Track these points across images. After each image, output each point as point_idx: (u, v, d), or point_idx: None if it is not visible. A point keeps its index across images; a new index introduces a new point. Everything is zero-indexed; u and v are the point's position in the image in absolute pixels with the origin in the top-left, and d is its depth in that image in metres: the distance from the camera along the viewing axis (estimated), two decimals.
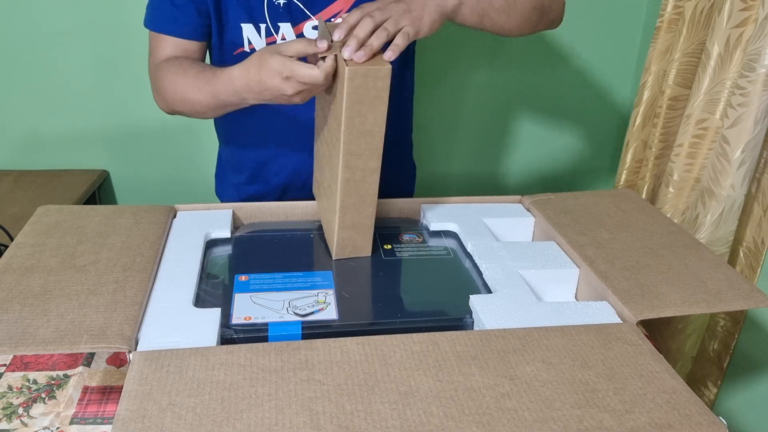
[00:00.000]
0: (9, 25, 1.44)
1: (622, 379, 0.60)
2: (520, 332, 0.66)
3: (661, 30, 1.33)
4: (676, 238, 0.85)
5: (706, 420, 0.56)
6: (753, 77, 1.09)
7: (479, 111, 1.67)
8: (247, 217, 0.93)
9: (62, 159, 1.60)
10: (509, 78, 1.63)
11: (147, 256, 0.77)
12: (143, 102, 1.54)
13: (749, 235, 1.17)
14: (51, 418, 0.66)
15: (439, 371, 0.60)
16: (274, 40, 0.88)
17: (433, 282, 0.80)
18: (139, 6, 1.42)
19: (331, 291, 0.76)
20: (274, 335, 0.69)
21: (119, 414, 0.54)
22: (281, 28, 0.87)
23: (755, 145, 1.12)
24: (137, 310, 0.67)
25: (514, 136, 1.74)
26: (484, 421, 0.55)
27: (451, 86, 1.63)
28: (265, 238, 0.88)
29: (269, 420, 0.54)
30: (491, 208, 0.94)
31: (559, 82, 1.67)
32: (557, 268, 0.81)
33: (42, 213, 0.86)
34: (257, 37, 0.88)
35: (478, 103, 1.66)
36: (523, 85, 1.66)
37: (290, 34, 0.87)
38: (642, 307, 0.70)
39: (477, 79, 1.62)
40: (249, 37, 0.88)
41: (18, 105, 1.53)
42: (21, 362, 0.75)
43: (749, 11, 1.11)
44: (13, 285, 0.70)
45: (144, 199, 1.67)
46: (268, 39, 0.88)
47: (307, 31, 0.87)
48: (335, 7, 0.86)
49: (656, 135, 1.37)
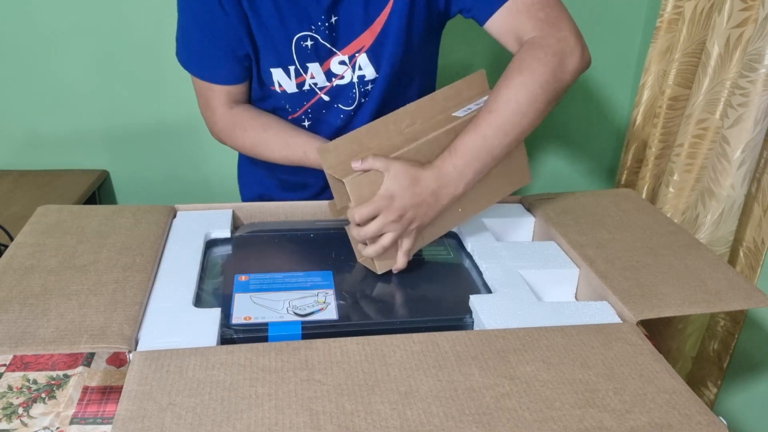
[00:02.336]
0: (9, 25, 1.44)
1: (622, 379, 0.60)
2: (520, 332, 0.66)
3: (661, 30, 1.33)
4: (676, 238, 0.85)
5: (706, 420, 0.56)
6: (753, 77, 1.09)
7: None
8: (247, 217, 0.93)
9: (62, 159, 1.59)
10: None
11: (147, 256, 0.77)
12: (143, 102, 1.54)
13: (749, 235, 1.17)
14: (51, 418, 0.66)
15: (439, 371, 0.60)
16: (304, 80, 0.90)
17: (433, 282, 0.80)
18: (139, 6, 1.43)
19: (331, 291, 0.76)
20: (274, 335, 0.69)
21: (119, 414, 0.54)
22: (309, 68, 0.90)
23: (755, 145, 1.12)
24: (137, 310, 0.67)
25: None
26: (484, 421, 0.55)
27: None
28: (265, 238, 0.88)
29: (269, 420, 0.54)
30: (491, 208, 0.94)
31: None
32: (557, 268, 0.81)
33: (42, 213, 0.86)
34: (287, 79, 0.91)
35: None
36: None
37: (318, 71, 0.90)
38: (642, 307, 0.70)
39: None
40: (279, 80, 0.91)
41: (18, 105, 1.53)
42: (21, 362, 0.75)
43: (749, 11, 1.11)
44: (13, 285, 0.70)
45: (144, 199, 1.67)
46: (298, 80, 0.91)
47: (334, 67, 0.90)
48: (358, 43, 0.88)
49: (656, 135, 1.37)
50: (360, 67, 0.90)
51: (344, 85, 0.91)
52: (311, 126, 0.96)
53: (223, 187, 1.66)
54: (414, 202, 0.76)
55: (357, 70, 0.90)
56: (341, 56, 0.89)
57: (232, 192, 1.56)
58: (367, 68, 0.90)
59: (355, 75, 0.90)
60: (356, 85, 0.91)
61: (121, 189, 1.67)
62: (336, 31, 0.87)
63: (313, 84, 0.91)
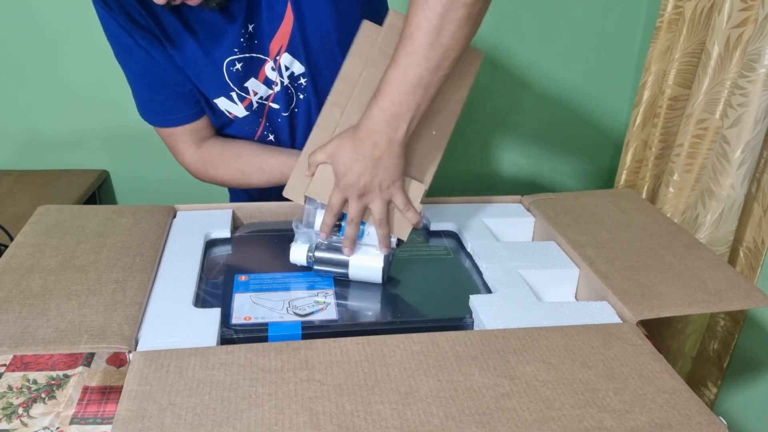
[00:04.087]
0: (9, 24, 1.44)
1: (622, 379, 0.60)
2: (520, 332, 0.66)
3: (661, 30, 1.33)
4: (676, 238, 0.85)
5: (706, 420, 0.56)
6: (753, 77, 1.08)
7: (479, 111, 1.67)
8: (247, 217, 0.93)
9: (62, 159, 1.59)
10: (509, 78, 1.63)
11: (147, 256, 0.77)
12: None
13: (749, 235, 1.17)
14: (51, 418, 0.66)
15: (439, 371, 0.60)
16: (250, 101, 0.90)
17: (433, 282, 0.80)
18: None
19: (331, 291, 0.76)
20: (274, 335, 0.69)
21: (119, 414, 0.54)
22: (249, 87, 0.89)
23: (755, 145, 1.12)
24: (137, 310, 0.67)
25: (514, 135, 1.74)
26: (484, 421, 0.55)
27: None
28: (265, 238, 0.88)
29: (269, 420, 0.54)
30: (491, 208, 0.94)
31: (559, 81, 1.67)
32: (557, 268, 0.81)
33: (42, 213, 0.86)
34: (234, 105, 0.90)
35: (478, 103, 1.66)
36: (523, 85, 1.66)
37: (258, 85, 0.89)
38: (642, 307, 0.70)
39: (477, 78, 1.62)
40: (227, 109, 0.91)
41: (18, 105, 1.53)
42: (21, 362, 0.74)
43: (749, 11, 1.11)
44: (13, 285, 0.70)
45: (144, 199, 1.67)
46: (244, 103, 0.91)
47: (269, 73, 0.89)
48: (276, 44, 0.87)
49: (656, 135, 1.37)
50: (286, 66, 0.88)
51: (279, 91, 0.90)
52: (276, 138, 0.96)
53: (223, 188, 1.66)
54: (362, 165, 0.71)
55: (285, 71, 0.89)
56: (270, 62, 0.88)
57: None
58: (293, 64, 0.88)
59: (285, 77, 0.89)
60: (289, 86, 0.90)
61: (121, 189, 1.67)
62: (257, 38, 0.86)
63: (258, 100, 0.91)
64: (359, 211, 0.74)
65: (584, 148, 1.75)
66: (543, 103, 1.70)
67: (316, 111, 0.90)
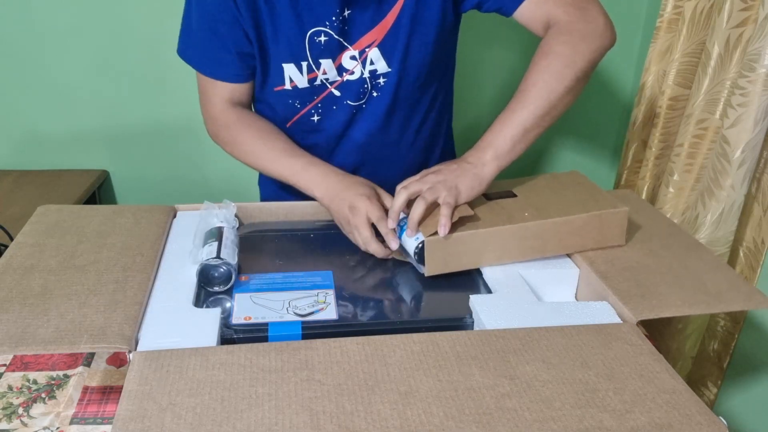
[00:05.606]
0: (9, 24, 1.44)
1: (622, 379, 0.60)
2: (520, 332, 0.66)
3: (661, 30, 1.33)
4: (676, 238, 0.85)
5: (706, 420, 0.56)
6: (753, 77, 1.09)
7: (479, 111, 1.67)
8: (247, 217, 0.93)
9: (62, 159, 1.59)
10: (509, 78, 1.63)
11: (147, 256, 0.77)
12: (143, 102, 1.54)
13: (749, 235, 1.17)
14: (51, 418, 0.66)
15: (439, 371, 0.60)
16: (316, 75, 0.90)
17: (433, 282, 0.80)
18: (139, 6, 1.43)
19: (331, 291, 0.76)
20: (274, 335, 0.69)
21: (119, 414, 0.54)
22: (322, 64, 0.90)
23: (755, 145, 1.12)
24: (137, 310, 0.67)
25: None
26: (484, 421, 0.55)
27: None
28: (265, 238, 0.88)
29: (269, 420, 0.54)
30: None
31: None
32: (557, 268, 0.81)
33: (42, 213, 0.86)
34: (299, 74, 0.90)
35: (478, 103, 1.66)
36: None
37: (330, 67, 0.90)
38: (642, 308, 0.70)
39: (477, 78, 1.62)
40: (291, 75, 0.91)
41: (18, 105, 1.53)
42: (21, 362, 0.75)
43: (749, 11, 1.11)
44: (13, 285, 0.70)
45: (144, 199, 1.67)
46: (310, 75, 0.91)
47: (345, 62, 0.90)
48: (370, 37, 0.88)
49: (656, 135, 1.37)
50: (372, 61, 0.89)
51: (354, 80, 0.91)
52: (320, 120, 0.96)
53: (223, 187, 1.66)
54: (442, 175, 0.82)
55: (368, 65, 0.90)
56: (352, 51, 0.89)
57: (232, 192, 1.56)
58: (378, 62, 0.90)
59: (366, 70, 0.90)
60: (368, 80, 0.91)
61: (121, 189, 1.66)
62: (348, 25, 0.87)
63: (324, 79, 0.91)
64: (419, 189, 0.80)
65: (584, 147, 1.75)
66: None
67: (384, 112, 0.93)
